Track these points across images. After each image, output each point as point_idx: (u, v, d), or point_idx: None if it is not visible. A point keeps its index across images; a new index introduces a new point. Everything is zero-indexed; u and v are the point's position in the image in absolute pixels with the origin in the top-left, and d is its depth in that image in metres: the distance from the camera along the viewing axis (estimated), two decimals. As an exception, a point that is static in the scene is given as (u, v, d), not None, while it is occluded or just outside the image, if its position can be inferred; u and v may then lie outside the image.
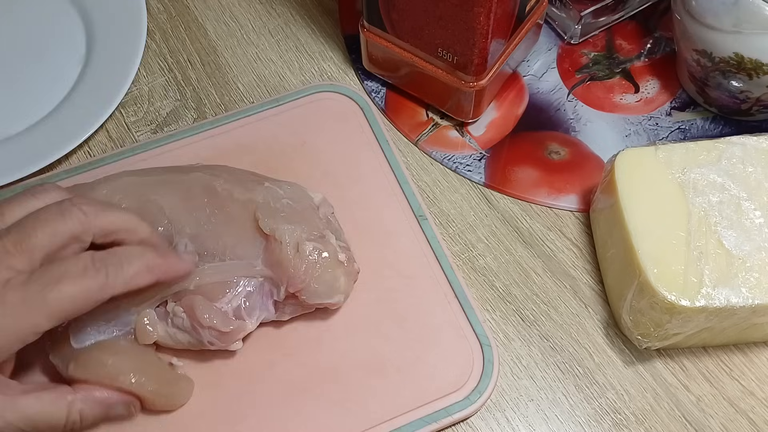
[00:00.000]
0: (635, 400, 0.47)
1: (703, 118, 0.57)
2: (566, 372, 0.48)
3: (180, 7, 0.64)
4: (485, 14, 0.47)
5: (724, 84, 0.53)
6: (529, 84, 0.59)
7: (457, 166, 0.56)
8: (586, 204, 0.54)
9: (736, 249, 0.44)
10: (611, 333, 0.49)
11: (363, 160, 0.54)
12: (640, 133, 0.57)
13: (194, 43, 0.62)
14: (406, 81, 0.57)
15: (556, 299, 0.50)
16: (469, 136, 0.57)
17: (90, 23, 0.62)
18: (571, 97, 0.59)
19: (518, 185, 0.55)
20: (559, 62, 0.60)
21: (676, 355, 0.48)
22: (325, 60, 0.61)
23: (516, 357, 0.49)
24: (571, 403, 0.47)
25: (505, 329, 0.50)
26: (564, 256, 0.52)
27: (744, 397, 0.47)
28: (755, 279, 0.43)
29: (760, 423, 0.46)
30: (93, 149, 0.57)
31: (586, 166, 0.55)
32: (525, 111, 0.58)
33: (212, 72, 0.61)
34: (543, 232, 0.53)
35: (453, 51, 0.51)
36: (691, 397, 0.47)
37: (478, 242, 0.53)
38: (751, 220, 0.45)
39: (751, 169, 0.47)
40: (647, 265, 0.44)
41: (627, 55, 0.60)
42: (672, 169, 0.47)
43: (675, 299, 0.43)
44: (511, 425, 0.47)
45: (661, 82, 0.59)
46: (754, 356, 0.48)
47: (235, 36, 0.63)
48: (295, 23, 0.63)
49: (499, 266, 0.52)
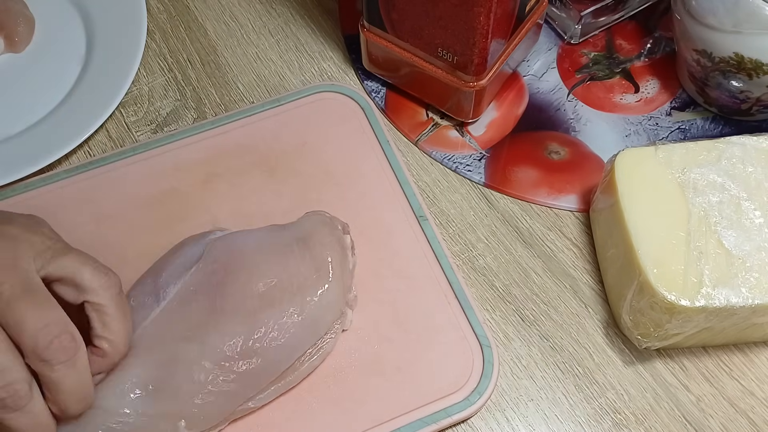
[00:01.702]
0: (635, 400, 0.47)
1: (703, 118, 0.57)
2: (566, 372, 0.48)
3: (180, 7, 0.64)
4: (485, 14, 0.47)
5: (724, 84, 0.53)
6: (529, 84, 0.59)
7: (457, 166, 0.56)
8: (586, 204, 0.54)
9: (736, 249, 0.44)
10: (611, 333, 0.49)
11: (363, 160, 0.54)
12: (640, 133, 0.57)
13: (194, 42, 0.62)
14: (406, 81, 0.57)
15: (556, 299, 0.50)
16: (469, 136, 0.57)
17: (90, 23, 0.62)
18: (571, 97, 0.59)
19: (518, 185, 0.55)
20: (559, 62, 0.60)
21: (676, 355, 0.48)
22: (325, 60, 0.61)
23: (516, 357, 0.49)
24: (571, 403, 0.47)
25: (505, 329, 0.50)
26: (564, 256, 0.52)
27: (744, 397, 0.47)
28: (755, 279, 0.43)
29: (760, 423, 0.46)
30: (93, 149, 0.57)
31: (586, 166, 0.55)
32: (525, 111, 0.58)
33: (212, 72, 0.61)
34: (543, 232, 0.53)
35: (453, 51, 0.51)
36: (691, 397, 0.47)
37: (478, 242, 0.53)
38: (751, 220, 0.45)
39: (751, 169, 0.47)
40: (647, 265, 0.44)
41: (627, 55, 0.60)
42: (672, 169, 0.47)
43: (675, 299, 0.43)
44: (511, 425, 0.47)
45: (661, 82, 0.59)
46: (754, 356, 0.48)
47: (235, 36, 0.63)
48: (295, 23, 0.63)
49: (499, 266, 0.52)
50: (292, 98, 0.57)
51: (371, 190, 0.53)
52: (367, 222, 0.52)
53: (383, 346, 0.47)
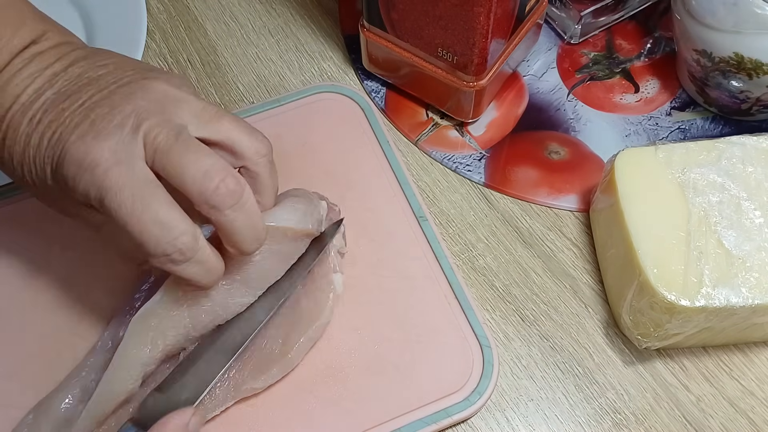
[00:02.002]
0: (635, 400, 0.47)
1: (703, 118, 0.57)
2: (566, 372, 0.48)
3: (180, 7, 0.64)
4: (485, 14, 0.47)
5: (724, 84, 0.53)
6: (529, 84, 0.59)
7: (457, 166, 0.56)
8: (586, 204, 0.54)
9: (735, 249, 0.44)
10: (611, 333, 0.49)
11: (363, 160, 0.54)
12: (640, 132, 0.57)
13: (194, 42, 0.62)
14: (406, 81, 0.57)
15: (556, 299, 0.50)
16: (469, 136, 0.57)
17: (90, 23, 0.62)
18: (571, 97, 0.59)
19: (518, 185, 0.55)
20: (559, 62, 0.60)
21: (676, 355, 0.48)
22: (325, 60, 0.61)
23: (516, 357, 0.49)
24: (571, 403, 0.47)
25: (505, 329, 0.50)
26: (564, 256, 0.52)
27: (744, 397, 0.47)
28: (755, 279, 0.43)
29: (760, 423, 0.46)
30: (93, 149, 0.57)
31: (586, 166, 0.55)
32: (525, 111, 0.58)
33: (212, 72, 0.61)
34: (543, 231, 0.53)
35: (453, 51, 0.51)
36: (691, 397, 0.47)
37: (478, 242, 0.53)
38: (751, 219, 0.45)
39: (751, 169, 0.47)
40: (647, 265, 0.44)
41: (627, 55, 0.60)
42: (672, 169, 0.47)
43: (675, 299, 0.43)
44: (511, 425, 0.47)
45: (661, 82, 0.59)
46: (754, 356, 0.48)
47: (235, 36, 0.63)
48: (295, 23, 0.63)
49: (499, 266, 0.52)
50: (292, 98, 0.57)
51: (371, 190, 0.53)
52: (367, 222, 0.52)
53: (383, 346, 0.47)
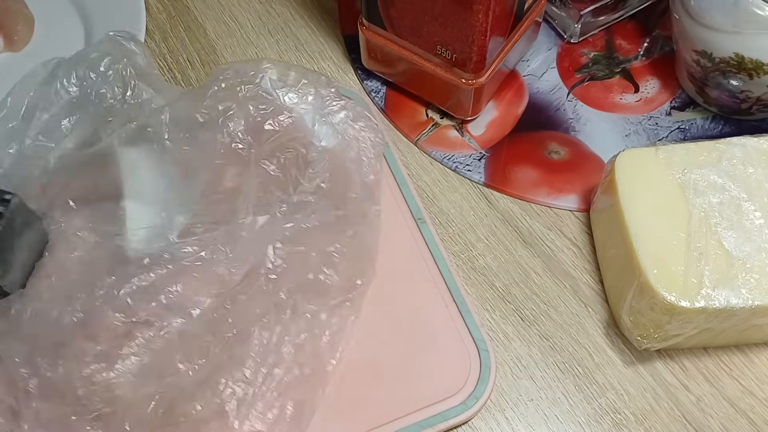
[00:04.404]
0: (635, 400, 0.47)
1: (703, 118, 0.57)
2: (566, 372, 0.48)
3: (180, 7, 0.64)
4: (484, 12, 0.47)
5: (724, 84, 0.53)
6: (529, 83, 0.59)
7: (457, 165, 0.56)
8: (586, 204, 0.54)
9: (736, 250, 0.44)
10: (611, 333, 0.49)
11: (363, 160, 0.54)
12: (640, 132, 0.57)
13: (194, 42, 0.62)
14: (405, 79, 0.57)
15: (555, 299, 0.50)
16: (468, 136, 0.57)
17: (89, 23, 0.62)
18: (570, 97, 0.58)
19: (518, 185, 0.55)
20: (559, 62, 0.60)
21: (676, 355, 0.48)
22: (324, 59, 0.61)
23: (516, 357, 0.49)
24: (571, 403, 0.47)
25: (504, 329, 0.50)
26: (564, 256, 0.52)
27: (744, 397, 0.47)
28: (755, 280, 0.43)
29: (760, 423, 0.46)
30: (92, 149, 0.57)
31: (586, 166, 0.55)
32: (525, 111, 0.58)
33: (212, 72, 0.60)
34: (543, 231, 0.53)
35: (452, 48, 0.51)
36: (691, 397, 0.47)
37: (478, 242, 0.53)
38: (752, 221, 0.45)
39: (752, 170, 0.47)
40: (647, 266, 0.44)
41: (627, 54, 0.60)
42: (672, 169, 0.47)
43: (675, 300, 0.42)
44: (511, 425, 0.47)
45: (661, 81, 0.59)
46: (753, 356, 0.48)
47: (235, 36, 0.62)
48: (294, 23, 0.63)
49: (498, 266, 0.52)
50: (292, 98, 0.57)
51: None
52: (367, 222, 0.52)
53: (380, 350, 0.47)
